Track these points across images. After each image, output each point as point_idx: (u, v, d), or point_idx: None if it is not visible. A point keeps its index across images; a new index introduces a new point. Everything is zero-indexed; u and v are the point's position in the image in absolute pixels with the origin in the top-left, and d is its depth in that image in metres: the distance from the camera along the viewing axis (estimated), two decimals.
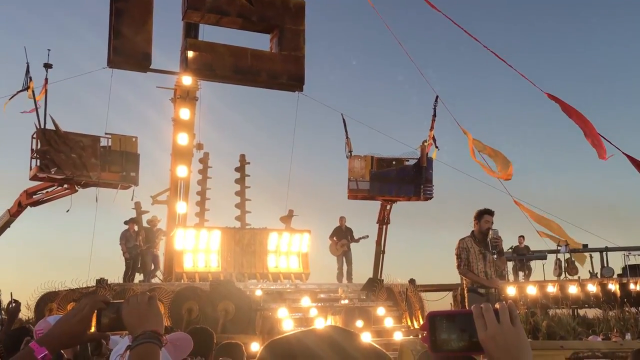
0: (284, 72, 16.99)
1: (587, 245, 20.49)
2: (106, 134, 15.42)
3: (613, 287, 19.12)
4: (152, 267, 16.25)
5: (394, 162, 17.22)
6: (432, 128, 17.01)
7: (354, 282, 16.89)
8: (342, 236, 17.49)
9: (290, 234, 17.03)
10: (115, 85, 16.25)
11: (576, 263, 19.53)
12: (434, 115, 16.91)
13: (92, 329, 1.97)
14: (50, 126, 14.66)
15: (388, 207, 17.49)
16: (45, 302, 14.11)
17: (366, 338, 1.44)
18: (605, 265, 20.44)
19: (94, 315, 1.94)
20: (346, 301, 14.56)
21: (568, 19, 42.97)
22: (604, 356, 6.04)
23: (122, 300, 1.93)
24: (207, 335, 5.47)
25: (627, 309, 18.55)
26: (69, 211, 15.31)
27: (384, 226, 17.69)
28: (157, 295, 1.87)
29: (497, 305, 1.35)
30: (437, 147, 17.12)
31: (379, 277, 16.73)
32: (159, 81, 17.23)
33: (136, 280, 15.85)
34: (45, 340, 1.92)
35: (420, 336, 1.43)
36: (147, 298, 1.90)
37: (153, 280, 15.91)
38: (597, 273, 20.34)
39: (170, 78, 17.06)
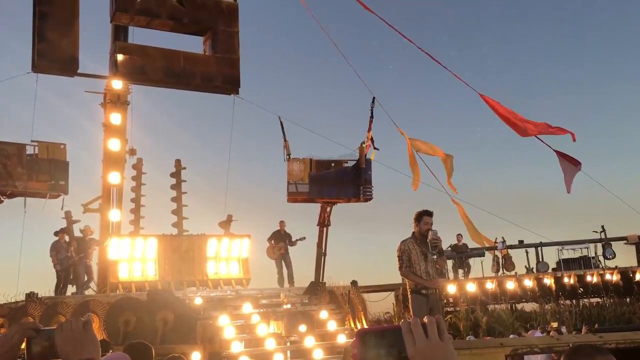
0: (218, 75, 16.70)
1: (522, 241, 21.04)
2: (32, 141, 14.87)
3: (548, 281, 19.68)
4: (85, 278, 15.67)
5: (332, 164, 17.21)
6: (369, 129, 17.07)
7: (296, 285, 16.76)
8: (280, 240, 17.39)
9: (229, 239, 16.75)
10: (41, 90, 15.63)
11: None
12: (371, 117, 16.98)
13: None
14: None
15: (328, 209, 17.45)
16: None
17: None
18: (541, 260, 21.00)
19: (24, 343, 1.80)
20: (288, 306, 14.42)
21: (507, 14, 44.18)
22: (542, 351, 6.12)
23: (55, 327, 1.79)
24: (145, 350, 5.29)
25: (562, 301, 19.15)
26: None
27: (325, 228, 17.64)
28: (91, 320, 1.75)
29: (425, 320, 1.36)
30: (375, 148, 17.18)
31: (321, 280, 16.64)
32: (88, 86, 16.67)
33: (69, 293, 15.25)
34: None
35: (351, 354, 1.37)
36: (82, 324, 1.78)
37: (86, 292, 15.35)
38: (533, 268, 20.87)
39: (99, 82, 16.53)
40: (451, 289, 18.76)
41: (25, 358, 1.82)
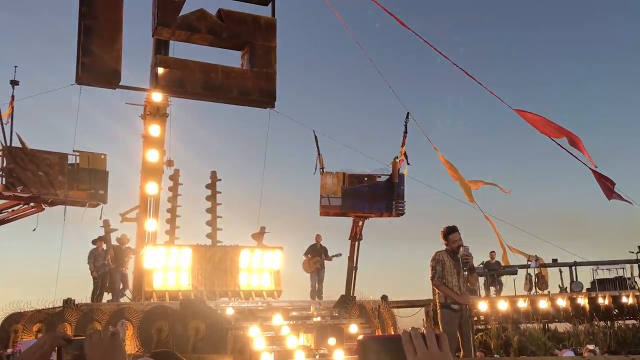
0: (255, 89, 16.98)
1: (556, 259, 20.73)
2: (74, 151, 15.25)
3: (582, 301, 19.31)
4: (121, 286, 15.99)
5: (365, 179, 17.27)
6: (403, 144, 17.11)
7: (325, 299, 16.83)
8: (316, 254, 17.47)
9: (262, 251, 16.90)
10: (84, 102, 16.09)
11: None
12: (405, 132, 17.02)
13: None
14: (16, 143, 14.44)
15: (360, 223, 17.50)
16: (10, 323, 13.79)
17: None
18: (575, 279, 20.64)
19: (55, 352, 1.87)
20: (318, 319, 14.47)
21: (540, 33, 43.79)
22: None
23: (84, 337, 1.88)
24: (171, 358, 5.34)
25: (596, 322, 18.78)
26: (36, 230, 15.06)
27: (356, 242, 17.69)
28: (119, 330, 1.87)
29: (423, 331, 1.42)
30: (408, 163, 17.22)
31: (351, 294, 16.68)
32: (129, 98, 17.07)
33: (105, 300, 15.58)
34: None
35: None
36: (110, 334, 1.86)
37: (122, 300, 15.65)
38: (566, 287, 20.53)
39: (140, 94, 16.92)
40: (482, 306, 18.58)
41: None
